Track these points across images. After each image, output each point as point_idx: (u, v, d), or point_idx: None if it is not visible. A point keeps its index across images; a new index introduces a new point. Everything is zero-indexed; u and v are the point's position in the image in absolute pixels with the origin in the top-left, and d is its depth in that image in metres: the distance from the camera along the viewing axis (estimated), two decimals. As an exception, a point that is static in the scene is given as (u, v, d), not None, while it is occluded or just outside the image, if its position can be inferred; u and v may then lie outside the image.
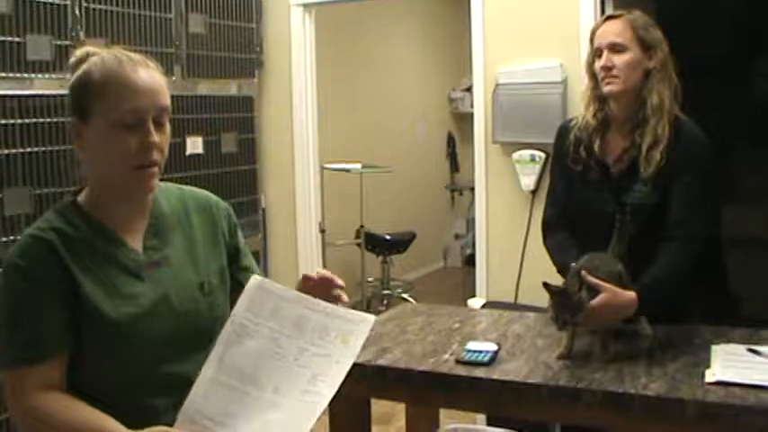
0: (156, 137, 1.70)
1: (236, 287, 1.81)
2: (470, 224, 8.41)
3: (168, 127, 1.76)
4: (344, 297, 1.76)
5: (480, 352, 2.34)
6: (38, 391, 1.61)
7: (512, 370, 2.24)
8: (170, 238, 1.82)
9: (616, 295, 2.31)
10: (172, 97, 1.75)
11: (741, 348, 2.29)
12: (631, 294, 2.34)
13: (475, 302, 4.21)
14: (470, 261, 7.23)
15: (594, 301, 2.27)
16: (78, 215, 1.75)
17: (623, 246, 2.46)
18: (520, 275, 4.38)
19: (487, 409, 2.28)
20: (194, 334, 1.76)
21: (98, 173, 1.77)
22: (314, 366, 1.61)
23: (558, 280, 2.41)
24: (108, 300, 1.68)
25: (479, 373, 2.24)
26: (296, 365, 1.61)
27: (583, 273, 2.30)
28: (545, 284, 2.28)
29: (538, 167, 4.31)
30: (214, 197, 1.99)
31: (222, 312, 1.80)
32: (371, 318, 1.68)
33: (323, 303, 1.67)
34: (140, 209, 1.81)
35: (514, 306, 4.08)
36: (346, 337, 1.62)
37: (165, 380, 1.71)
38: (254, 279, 1.70)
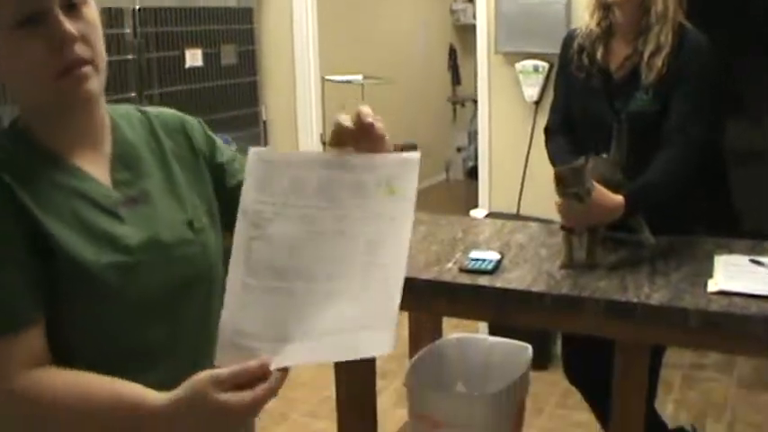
0: (69, 26, 1.28)
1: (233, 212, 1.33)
2: (472, 136, 8.38)
3: (93, 10, 1.36)
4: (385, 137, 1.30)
5: (484, 260, 2.34)
6: (23, 369, 1.25)
7: (515, 278, 2.25)
8: (144, 170, 1.45)
9: (603, 196, 2.31)
10: (170, 9, 1.53)
11: (744, 259, 2.29)
12: (619, 198, 2.33)
13: (477, 213, 4.22)
14: (472, 173, 7.24)
15: None
16: (23, 142, 1.37)
17: (622, 152, 2.45)
18: (522, 187, 4.38)
19: (491, 318, 2.30)
20: (189, 285, 1.44)
21: (22, 95, 1.40)
22: (365, 232, 1.25)
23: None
24: (86, 245, 1.32)
25: (483, 281, 2.24)
26: (341, 238, 1.26)
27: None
28: (557, 169, 2.27)
29: (541, 78, 4.27)
30: (180, 114, 1.60)
31: (216, 258, 1.49)
32: (415, 156, 1.30)
33: (344, 156, 1.29)
34: (91, 132, 1.42)
35: (517, 217, 4.08)
36: (391, 186, 1.25)
37: (158, 347, 1.40)
38: (253, 153, 1.30)
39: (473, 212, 4.28)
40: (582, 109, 2.67)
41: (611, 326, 2.11)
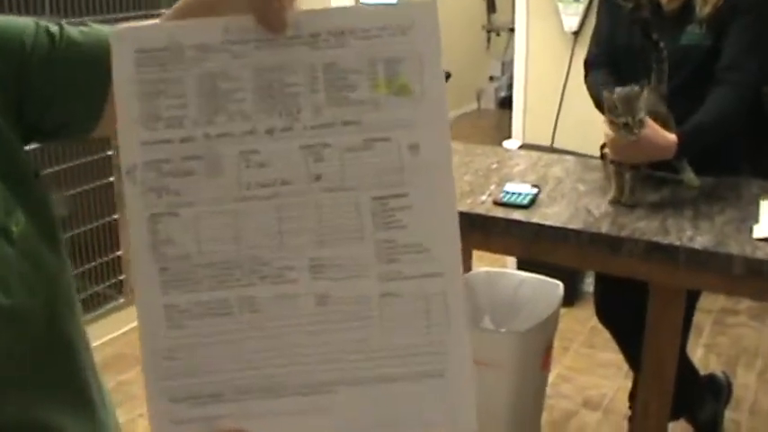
0: None
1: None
2: (506, 66, 8.22)
3: None
4: None
5: (519, 194, 2.26)
6: None
7: (551, 214, 2.16)
8: None
9: (657, 133, 2.20)
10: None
11: (791, 204, 2.19)
12: (672, 137, 2.22)
13: (511, 144, 4.13)
14: (504, 104, 7.10)
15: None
16: None
17: (663, 85, 2.32)
18: (557, 120, 4.26)
19: (524, 254, 2.22)
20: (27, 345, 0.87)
21: None
22: (365, 180, 0.75)
23: (597, 117, 2.30)
24: None
25: (518, 215, 2.16)
26: (326, 196, 0.75)
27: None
28: (607, 96, 2.16)
29: (582, 7, 4.11)
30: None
31: (63, 283, 0.93)
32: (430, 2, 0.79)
33: (284, 19, 0.75)
34: None
35: (551, 150, 3.98)
36: (397, 77, 0.75)
37: None
38: (117, 38, 0.76)
39: (506, 143, 4.18)
40: (627, 42, 2.53)
41: (650, 269, 2.02)
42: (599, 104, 2.44)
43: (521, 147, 4.08)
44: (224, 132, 0.75)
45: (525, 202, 2.21)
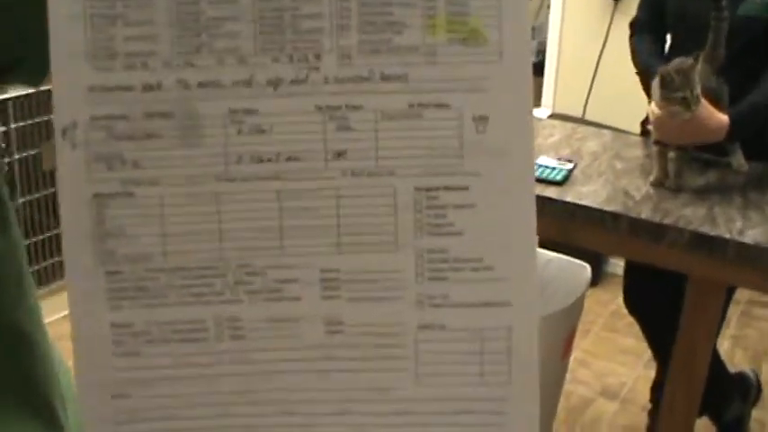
0: None
1: None
2: (536, 31, 7.98)
3: None
4: None
5: (553, 169, 2.08)
6: None
7: (587, 193, 1.98)
8: None
9: (709, 113, 2.00)
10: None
11: None
12: (724, 118, 2.03)
13: (540, 113, 3.94)
14: (534, 70, 6.89)
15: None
16: None
17: (720, 51, 2.12)
18: (591, 89, 4.06)
19: (556, 235, 2.05)
20: None
21: None
22: (407, 167, 0.54)
23: (634, 90, 2.11)
24: None
25: (551, 192, 1.98)
26: (346, 186, 0.55)
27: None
28: (662, 69, 1.96)
29: (625, -28, 3.90)
30: None
31: (11, 264, 0.73)
32: None
33: None
34: None
35: (582, 121, 3.79)
36: (465, 18, 0.54)
37: None
38: None
39: (535, 111, 3.98)
40: (679, 9, 2.33)
41: (692, 262, 1.84)
42: (641, 73, 2.26)
43: (550, 116, 3.88)
44: (207, 80, 0.53)
45: (559, 177, 2.03)
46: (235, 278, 0.54)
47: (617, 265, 3.57)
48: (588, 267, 2.48)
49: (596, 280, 3.69)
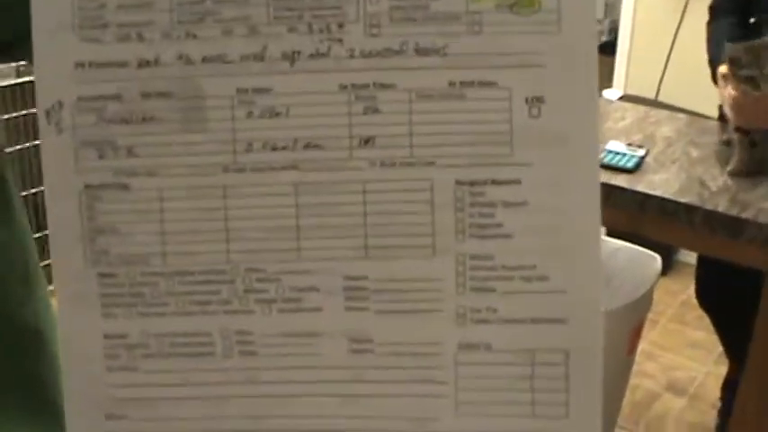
0: None
1: None
2: (608, 9, 7.78)
3: None
4: None
5: (623, 155, 1.96)
6: None
7: (660, 183, 1.86)
8: None
9: None
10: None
11: None
12: None
13: (611, 95, 3.80)
14: (605, 49, 6.72)
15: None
16: None
17: None
18: (665, 70, 3.90)
19: (624, 226, 1.95)
20: None
21: None
22: (448, 156, 0.46)
23: (706, 73, 1.98)
24: None
25: (620, 181, 1.86)
26: (375, 179, 0.46)
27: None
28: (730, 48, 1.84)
29: (705, -53, 3.73)
30: None
31: (15, 257, 0.68)
32: None
33: None
34: None
35: (655, 103, 3.64)
36: None
37: None
38: None
39: (606, 93, 3.85)
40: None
41: (773, 259, 1.72)
42: (710, 63, 2.14)
43: (621, 98, 3.74)
44: (213, 54, 0.46)
45: (630, 165, 1.92)
46: (244, 285, 0.47)
47: (689, 254, 3.43)
48: (658, 258, 2.35)
49: (666, 269, 3.54)
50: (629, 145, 2.04)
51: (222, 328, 0.47)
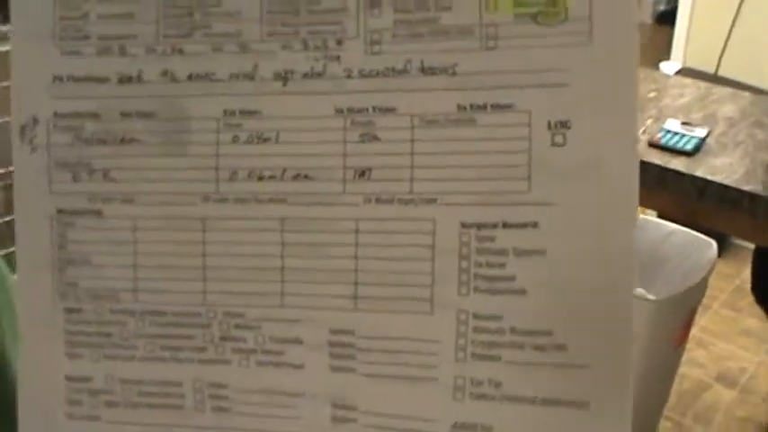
0: None
1: None
2: (668, -24, 7.60)
3: None
4: None
5: (683, 136, 1.83)
6: None
7: (721, 167, 1.73)
8: None
9: None
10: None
11: None
12: None
13: (668, 67, 3.65)
14: (664, 19, 6.54)
15: None
16: None
17: None
18: (726, 43, 3.75)
19: (680, 214, 1.83)
20: None
21: None
22: (454, 193, 0.39)
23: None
24: None
25: (678, 164, 1.74)
26: (370, 217, 0.40)
27: None
28: None
29: None
30: None
31: None
32: None
33: None
34: None
35: (715, 78, 3.49)
36: None
37: None
38: None
39: (663, 66, 3.71)
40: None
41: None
42: None
43: (678, 72, 3.59)
44: (199, 72, 0.40)
45: (689, 147, 1.79)
46: (221, 331, 0.40)
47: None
48: (714, 244, 2.23)
49: (720, 251, 3.41)
50: (688, 125, 1.91)
51: (195, 378, 0.41)
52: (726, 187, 1.67)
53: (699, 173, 1.71)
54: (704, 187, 1.69)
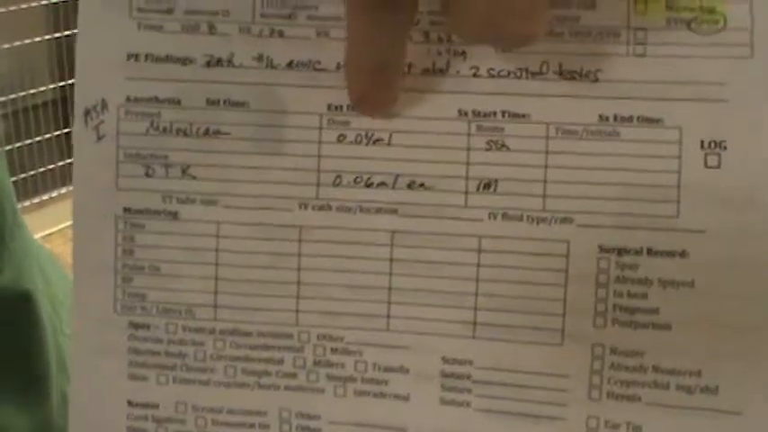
0: None
1: None
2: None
3: None
4: None
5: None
6: None
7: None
8: None
9: None
10: None
11: None
12: None
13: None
14: None
15: None
16: None
17: None
18: None
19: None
20: None
21: None
22: (592, 213, 0.35)
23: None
24: None
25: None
26: (493, 236, 0.35)
27: None
28: None
29: None
30: None
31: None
32: None
33: None
34: None
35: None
36: None
37: None
38: None
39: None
40: None
41: None
42: None
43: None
44: (302, 60, 0.37)
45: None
46: (315, 355, 0.37)
47: None
48: None
49: None
50: None
51: (281, 407, 0.37)
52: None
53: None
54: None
